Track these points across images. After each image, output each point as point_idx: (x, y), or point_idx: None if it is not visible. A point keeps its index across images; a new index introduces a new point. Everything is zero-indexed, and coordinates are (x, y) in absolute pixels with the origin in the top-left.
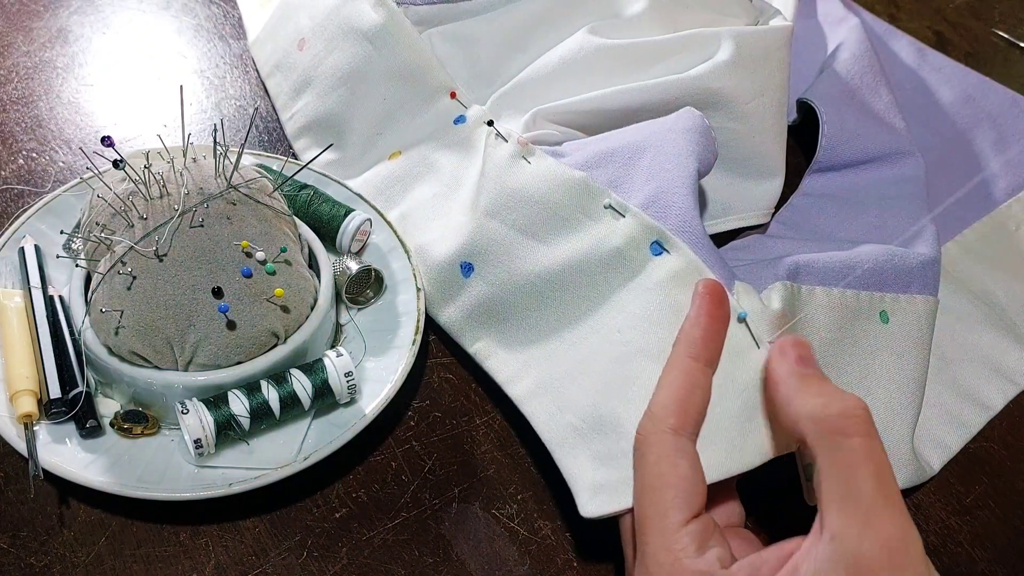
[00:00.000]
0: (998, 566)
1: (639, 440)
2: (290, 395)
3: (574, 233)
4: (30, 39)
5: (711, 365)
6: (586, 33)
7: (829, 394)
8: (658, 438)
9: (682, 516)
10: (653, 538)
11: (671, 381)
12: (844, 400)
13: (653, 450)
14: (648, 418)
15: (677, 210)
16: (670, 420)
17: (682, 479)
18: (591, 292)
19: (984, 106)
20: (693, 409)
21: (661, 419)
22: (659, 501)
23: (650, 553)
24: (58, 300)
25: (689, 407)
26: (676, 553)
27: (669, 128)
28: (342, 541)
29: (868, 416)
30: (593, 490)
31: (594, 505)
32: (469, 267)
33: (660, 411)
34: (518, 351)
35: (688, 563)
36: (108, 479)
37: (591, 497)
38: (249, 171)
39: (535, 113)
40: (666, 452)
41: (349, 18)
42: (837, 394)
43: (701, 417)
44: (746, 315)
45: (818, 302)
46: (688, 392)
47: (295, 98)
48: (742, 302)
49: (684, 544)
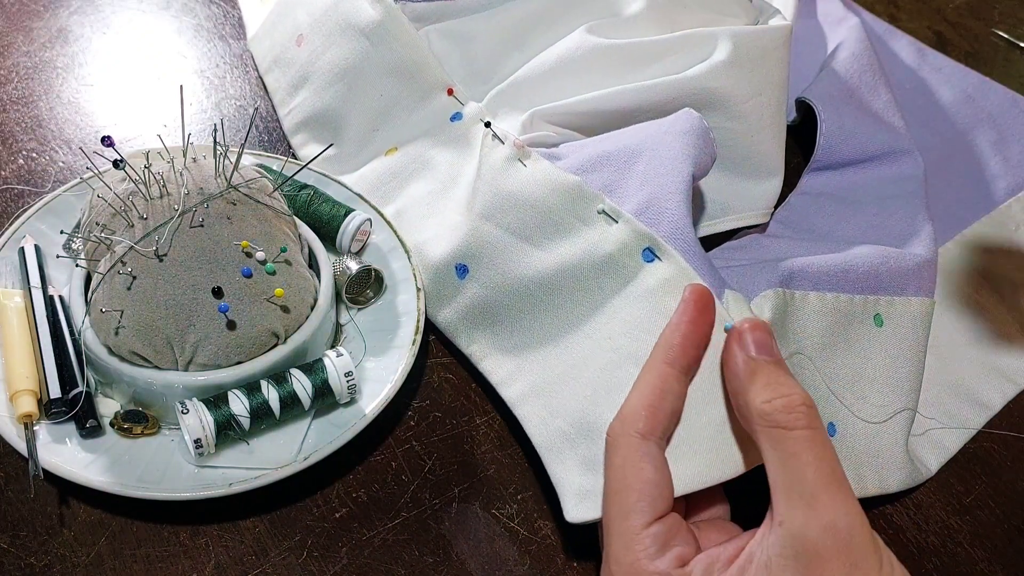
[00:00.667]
0: (998, 566)
1: (608, 442)
2: (290, 395)
3: (568, 238)
4: (30, 39)
5: (687, 372)
6: (584, 32)
7: (775, 387)
8: (625, 441)
9: (644, 519)
10: (615, 539)
11: (644, 385)
12: (788, 396)
13: (619, 453)
14: (618, 420)
15: (670, 217)
16: (638, 424)
17: (646, 483)
18: (583, 297)
19: (984, 106)
20: (663, 414)
21: (630, 423)
22: (622, 503)
23: (612, 554)
24: (58, 300)
25: (659, 412)
26: (636, 554)
27: (666, 131)
28: (342, 541)
29: (811, 410)
30: (579, 496)
31: (578, 511)
32: (464, 269)
33: (629, 414)
34: (512, 354)
35: (646, 564)
36: (108, 479)
37: (577, 503)
38: (249, 171)
39: (532, 114)
40: (631, 455)
41: (347, 14)
42: (784, 388)
43: (671, 422)
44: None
45: (811, 308)
46: (659, 397)
47: (293, 94)
48: (731, 311)
49: (645, 546)
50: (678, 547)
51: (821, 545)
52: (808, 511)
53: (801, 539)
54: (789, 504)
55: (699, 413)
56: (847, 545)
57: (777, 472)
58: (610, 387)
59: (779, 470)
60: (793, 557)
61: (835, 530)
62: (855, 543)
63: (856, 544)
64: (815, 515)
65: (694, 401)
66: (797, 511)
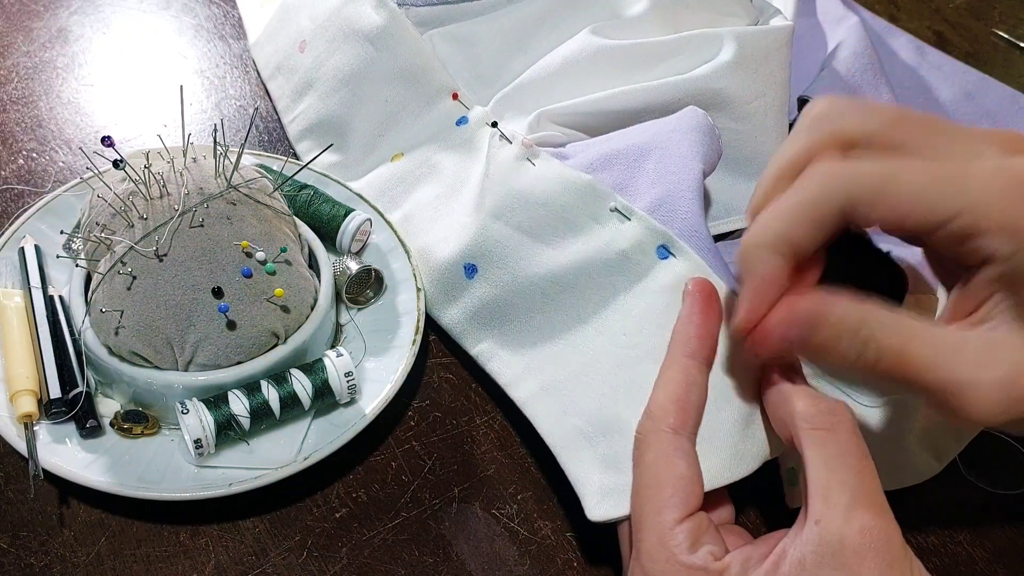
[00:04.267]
0: (998, 566)
1: (638, 440)
2: (290, 395)
3: (580, 236)
4: (30, 39)
5: (707, 363)
6: (588, 34)
7: (816, 395)
8: (656, 437)
9: (677, 514)
10: (648, 535)
11: (668, 380)
12: (829, 400)
13: (651, 449)
14: (647, 417)
15: (683, 214)
16: (669, 419)
17: (679, 478)
18: (597, 295)
19: (983, 103)
20: (691, 407)
21: (659, 419)
22: (656, 499)
23: (645, 550)
24: (58, 300)
25: (687, 406)
26: (671, 550)
27: (673, 128)
28: (342, 541)
29: (852, 416)
30: (601, 494)
31: (602, 509)
32: (473, 268)
33: (658, 411)
34: (522, 354)
35: (682, 559)
36: (108, 479)
37: (599, 501)
38: (249, 171)
39: (539, 114)
40: (664, 451)
41: (350, 19)
42: (823, 396)
43: (699, 415)
44: None
45: None
46: (685, 391)
47: (297, 100)
48: None
49: (679, 541)
50: (708, 544)
51: (858, 544)
52: (847, 511)
53: (839, 537)
54: (827, 504)
55: (719, 409)
56: (884, 546)
57: (818, 473)
58: (629, 384)
59: (820, 471)
60: (830, 555)
61: (872, 532)
62: (891, 546)
63: (891, 547)
64: (854, 516)
65: (713, 398)
66: (836, 511)
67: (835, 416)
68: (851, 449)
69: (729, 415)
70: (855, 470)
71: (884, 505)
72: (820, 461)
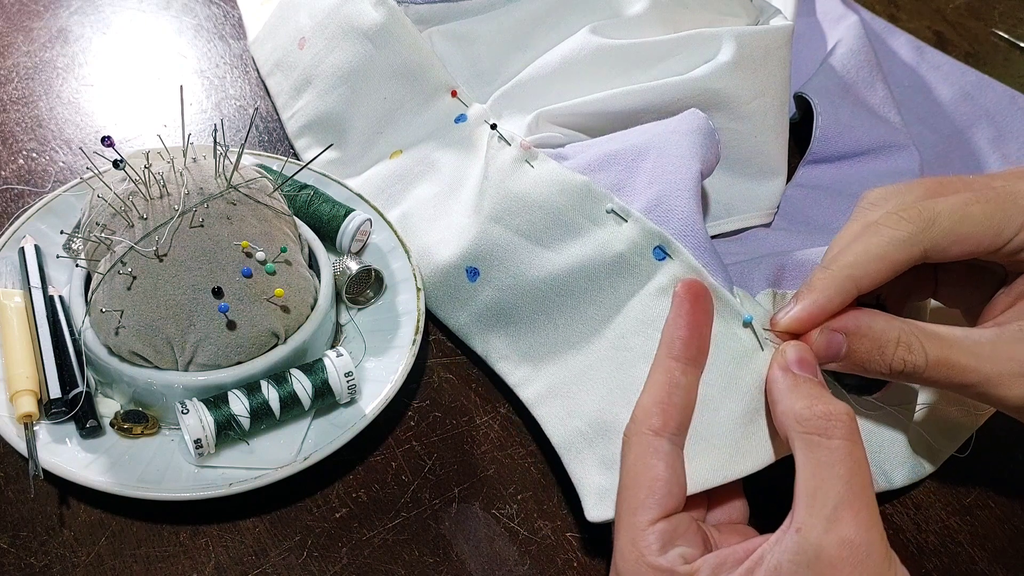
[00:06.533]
0: (998, 566)
1: (623, 440)
2: (290, 395)
3: (577, 238)
4: (30, 39)
5: (694, 363)
6: (587, 33)
7: (818, 397)
8: (637, 439)
9: (652, 515)
10: (623, 535)
11: (652, 383)
12: (830, 404)
13: (632, 450)
14: (631, 419)
15: (680, 214)
16: (650, 421)
17: (655, 480)
18: (596, 297)
19: (982, 103)
20: (673, 409)
21: (641, 421)
22: (631, 500)
23: (618, 549)
24: (58, 300)
25: (669, 408)
26: (641, 550)
27: (672, 130)
28: (342, 541)
29: (852, 422)
30: (599, 495)
31: (599, 510)
32: (475, 272)
33: (640, 413)
34: (528, 355)
35: (650, 560)
36: (108, 479)
37: (597, 502)
38: (249, 171)
39: (538, 115)
40: (642, 453)
41: (350, 17)
42: (826, 398)
43: (684, 416)
44: (751, 319)
45: None
46: (668, 393)
47: (296, 97)
48: (745, 305)
49: (649, 542)
50: (682, 547)
51: (836, 557)
52: (828, 522)
53: (816, 548)
54: (810, 512)
55: (715, 409)
56: (862, 561)
57: (806, 478)
58: (625, 386)
59: (808, 477)
60: (805, 565)
61: (852, 545)
62: (870, 560)
63: (871, 562)
64: (835, 527)
65: (709, 397)
66: (817, 520)
67: (831, 421)
68: (842, 457)
69: (729, 412)
70: (844, 479)
71: (872, 517)
72: (808, 467)
